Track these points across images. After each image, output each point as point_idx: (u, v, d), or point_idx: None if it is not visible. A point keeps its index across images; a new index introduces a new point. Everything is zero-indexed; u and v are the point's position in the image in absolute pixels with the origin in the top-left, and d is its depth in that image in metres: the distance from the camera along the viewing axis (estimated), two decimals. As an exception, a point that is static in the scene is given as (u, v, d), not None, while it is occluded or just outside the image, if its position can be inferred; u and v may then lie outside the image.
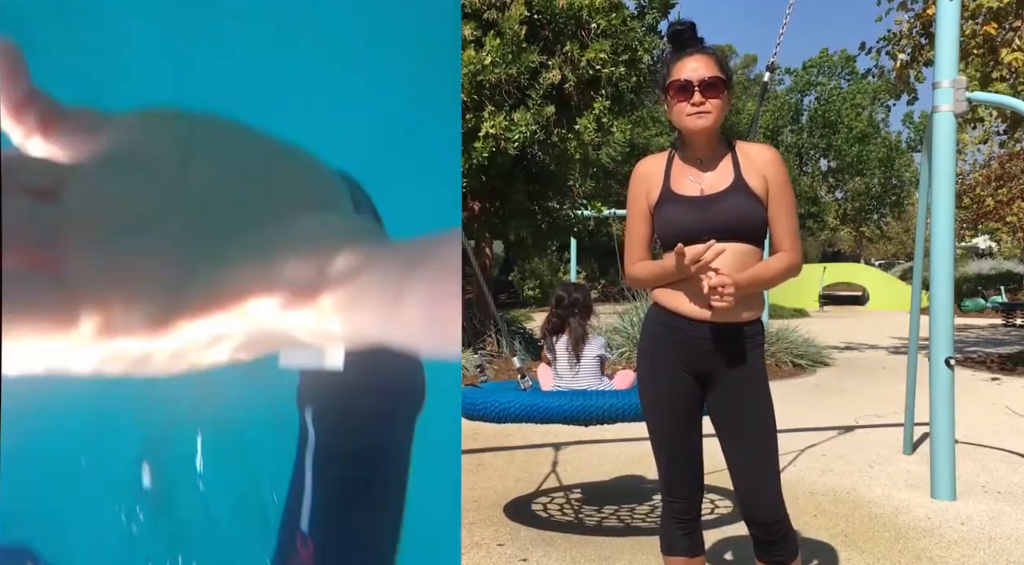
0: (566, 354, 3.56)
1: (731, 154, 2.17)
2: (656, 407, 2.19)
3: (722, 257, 2.04)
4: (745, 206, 2.09)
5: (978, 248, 28.55)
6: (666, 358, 2.15)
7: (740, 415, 2.13)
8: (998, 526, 3.58)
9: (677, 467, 2.19)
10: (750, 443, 2.13)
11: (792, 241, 2.14)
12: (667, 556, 2.26)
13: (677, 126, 2.17)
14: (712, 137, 2.16)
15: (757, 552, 2.20)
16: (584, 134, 8.12)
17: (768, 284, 2.14)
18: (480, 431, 5.46)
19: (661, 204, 2.16)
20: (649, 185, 2.20)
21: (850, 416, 6.20)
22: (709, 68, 2.10)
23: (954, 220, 4.11)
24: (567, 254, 21.37)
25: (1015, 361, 9.60)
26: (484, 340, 8.98)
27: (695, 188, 2.14)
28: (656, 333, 2.19)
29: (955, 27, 4.04)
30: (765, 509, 2.12)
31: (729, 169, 2.14)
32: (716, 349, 2.11)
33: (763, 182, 2.13)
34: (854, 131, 31.95)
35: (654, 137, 28.58)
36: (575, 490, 4.24)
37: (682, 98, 2.11)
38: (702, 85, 2.09)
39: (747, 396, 2.13)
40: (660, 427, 2.19)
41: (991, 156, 16.72)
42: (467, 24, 7.72)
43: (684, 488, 2.19)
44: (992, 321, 16.97)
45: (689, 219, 2.10)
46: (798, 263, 2.16)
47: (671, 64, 2.16)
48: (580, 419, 3.20)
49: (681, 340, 2.13)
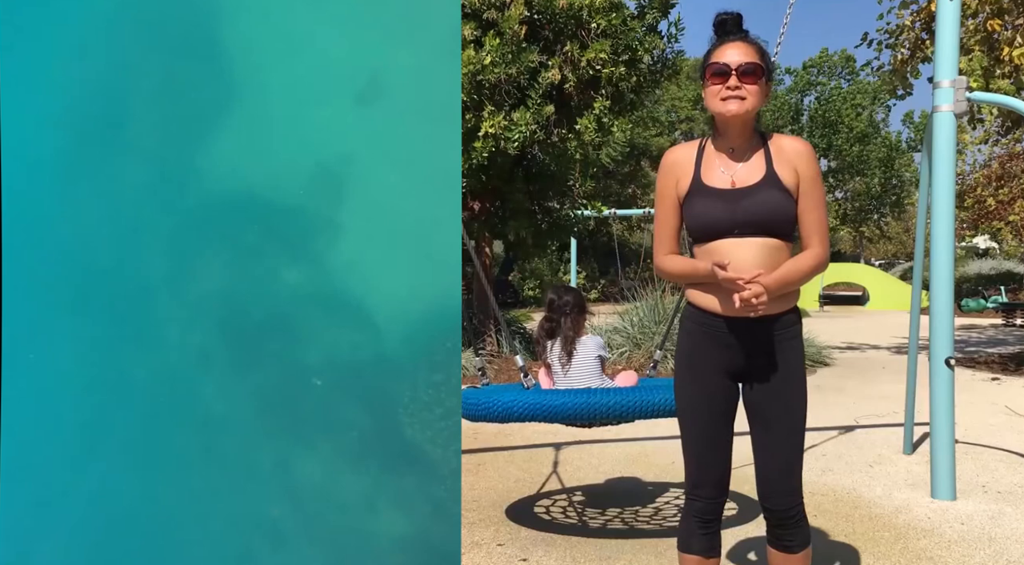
0: (561, 356, 3.56)
1: (764, 147, 2.15)
2: (691, 407, 2.20)
3: (751, 252, 2.05)
4: (776, 200, 2.08)
5: (978, 248, 28.54)
6: (705, 360, 2.16)
7: (774, 409, 2.15)
8: (998, 526, 3.58)
9: (704, 466, 2.19)
10: (778, 435, 2.15)
11: (821, 236, 2.13)
12: (683, 553, 2.25)
13: (711, 111, 2.15)
14: (746, 126, 2.13)
15: (769, 537, 2.22)
16: (584, 134, 8.11)
17: (797, 284, 2.12)
18: (480, 431, 5.45)
19: (691, 196, 2.14)
20: (679, 175, 2.18)
21: (850, 416, 6.20)
22: (748, 55, 2.09)
23: (954, 220, 4.11)
24: (567, 254, 21.38)
25: (1015, 361, 9.60)
26: (484, 340, 8.98)
27: (726, 180, 2.12)
28: (693, 332, 2.19)
29: (955, 26, 4.04)
30: (782, 497, 2.15)
31: (761, 161, 2.13)
32: (753, 345, 2.12)
33: (794, 175, 2.11)
34: (854, 131, 31.91)
35: (654, 137, 28.56)
36: (575, 490, 4.24)
37: (718, 82, 2.09)
38: (739, 70, 2.07)
39: (782, 391, 2.14)
40: (692, 426, 2.20)
41: (991, 156, 16.70)
42: (467, 24, 7.72)
43: (709, 488, 2.19)
44: (992, 321, 16.97)
45: (719, 213, 2.08)
46: (826, 260, 2.15)
47: (712, 50, 2.15)
48: (583, 417, 3.20)
49: (718, 339, 2.13)
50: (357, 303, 1.44)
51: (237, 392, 1.41)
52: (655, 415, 3.18)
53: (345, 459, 1.43)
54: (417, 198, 1.48)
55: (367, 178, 1.47)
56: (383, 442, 1.45)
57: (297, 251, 1.43)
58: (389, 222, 1.47)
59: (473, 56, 7.57)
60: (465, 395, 3.26)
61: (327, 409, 1.43)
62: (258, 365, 1.41)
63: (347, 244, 1.44)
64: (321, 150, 1.45)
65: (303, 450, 1.43)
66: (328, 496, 1.43)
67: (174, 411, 1.40)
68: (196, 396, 1.41)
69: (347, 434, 1.44)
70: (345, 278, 1.44)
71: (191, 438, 1.41)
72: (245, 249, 1.41)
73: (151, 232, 1.40)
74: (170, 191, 1.41)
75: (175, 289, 1.40)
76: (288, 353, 1.42)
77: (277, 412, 1.42)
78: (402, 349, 1.45)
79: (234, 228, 1.42)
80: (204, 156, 1.41)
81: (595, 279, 22.99)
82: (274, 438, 1.42)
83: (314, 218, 1.43)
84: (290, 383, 1.42)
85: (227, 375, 1.41)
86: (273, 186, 1.43)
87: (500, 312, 5.66)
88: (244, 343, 1.41)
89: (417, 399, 1.46)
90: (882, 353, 10.90)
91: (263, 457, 1.42)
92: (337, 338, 1.43)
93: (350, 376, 1.44)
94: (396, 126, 1.47)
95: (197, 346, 1.40)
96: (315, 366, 1.43)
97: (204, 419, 1.41)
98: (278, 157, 1.43)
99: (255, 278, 1.42)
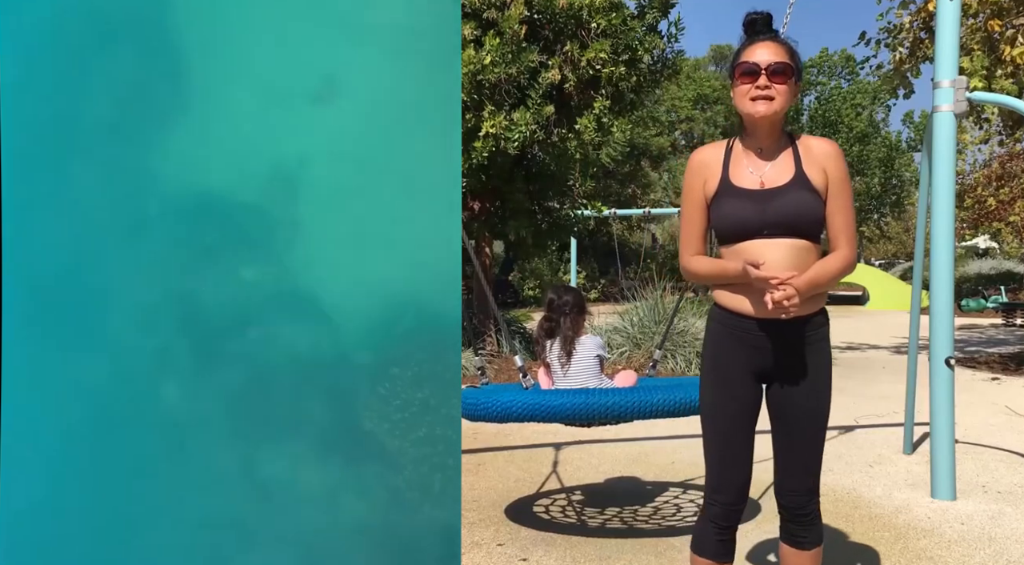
0: (560, 355, 3.57)
1: (792, 147, 2.14)
2: (715, 411, 2.18)
3: (780, 253, 2.04)
4: (807, 201, 2.07)
5: (978, 248, 28.53)
6: (732, 361, 2.15)
7: (800, 409, 2.16)
8: (998, 526, 3.58)
9: (725, 471, 2.18)
10: (802, 434, 2.16)
11: (849, 238, 2.13)
12: (695, 555, 2.24)
13: (740, 111, 2.14)
14: (775, 126, 2.13)
15: (782, 533, 2.23)
16: (584, 134, 8.11)
17: (826, 286, 2.12)
18: (480, 431, 5.46)
19: (719, 196, 2.13)
20: (707, 175, 2.16)
21: (850, 416, 6.20)
22: (778, 54, 2.08)
23: (954, 220, 4.11)
24: (567, 254, 21.38)
25: (1015, 361, 9.60)
26: (484, 340, 8.98)
27: (755, 180, 2.11)
28: (720, 333, 2.18)
29: (955, 27, 4.04)
30: (799, 495, 2.17)
31: (790, 162, 2.12)
32: (783, 346, 2.12)
33: (823, 176, 2.11)
34: (854, 131, 31.90)
35: (654, 137, 28.56)
36: (575, 490, 4.24)
37: (747, 81, 2.08)
38: (769, 69, 2.06)
39: (810, 392, 2.16)
40: (716, 431, 2.18)
41: (992, 156, 16.69)
42: (467, 24, 7.72)
43: (729, 493, 2.17)
44: (992, 321, 16.96)
45: (749, 213, 2.07)
46: (854, 262, 2.15)
47: (741, 49, 2.14)
48: (582, 417, 3.20)
49: (746, 341, 2.13)
50: (316, 302, 1.42)
51: (201, 393, 1.39)
52: (654, 415, 3.17)
53: (311, 454, 1.42)
54: (417, 198, 1.48)
55: (367, 179, 1.46)
56: (348, 437, 1.44)
57: (257, 251, 1.41)
58: (389, 222, 1.46)
59: (473, 56, 7.57)
60: (464, 395, 3.26)
61: (293, 407, 1.42)
62: (221, 366, 1.40)
63: (304, 243, 1.43)
64: (319, 151, 1.44)
65: (270, 449, 1.41)
66: (298, 492, 1.42)
67: (136, 414, 1.38)
68: (158, 398, 1.38)
69: (311, 431, 1.43)
70: (305, 277, 1.43)
71: (154, 440, 1.39)
72: (202, 249, 1.39)
73: (106, 233, 1.37)
74: (125, 192, 1.38)
75: (132, 291, 1.37)
76: (252, 353, 1.41)
77: (243, 412, 1.41)
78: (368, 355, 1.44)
79: (192, 229, 1.40)
80: (159, 156, 1.39)
81: (595, 279, 22.99)
82: (240, 438, 1.41)
83: (274, 218, 1.41)
84: (255, 383, 1.41)
85: (189, 376, 1.39)
86: (231, 187, 1.41)
87: (499, 312, 5.66)
88: (206, 344, 1.40)
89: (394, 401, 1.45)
90: (882, 353, 10.90)
91: (229, 457, 1.41)
92: (301, 337, 1.42)
93: (314, 375, 1.43)
94: (396, 126, 1.47)
95: (157, 348, 1.38)
96: (280, 366, 1.41)
97: (167, 421, 1.39)
98: (236, 157, 1.41)
99: (214, 278, 1.40)
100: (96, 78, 1.38)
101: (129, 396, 1.38)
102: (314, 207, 1.43)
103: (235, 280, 1.41)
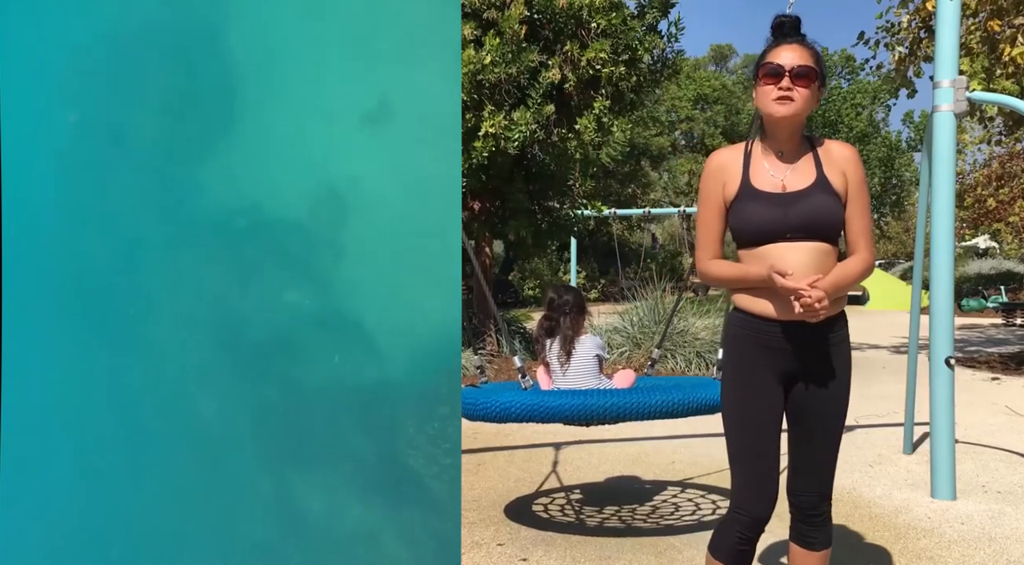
0: (560, 354, 3.57)
1: (812, 150, 2.14)
2: (745, 419, 2.15)
3: (802, 257, 2.04)
4: (828, 205, 2.07)
5: (978, 248, 28.52)
6: (756, 366, 2.12)
7: (820, 410, 2.16)
8: (998, 526, 3.58)
9: (751, 480, 2.14)
10: (821, 436, 2.16)
11: (867, 241, 2.14)
12: (711, 554, 2.20)
13: (762, 111, 2.14)
14: (796, 129, 2.12)
15: (792, 533, 2.23)
16: (584, 134, 8.11)
17: (847, 289, 2.12)
18: (480, 431, 5.46)
19: (740, 199, 2.12)
20: (726, 178, 2.15)
21: (850, 416, 6.19)
22: (803, 58, 2.08)
23: (954, 220, 4.11)
24: (567, 254, 21.39)
25: (1015, 361, 9.60)
26: (484, 340, 8.98)
27: (775, 184, 2.10)
28: (742, 338, 2.15)
29: (955, 26, 4.04)
30: (813, 496, 2.19)
31: (811, 165, 2.12)
32: (808, 348, 2.11)
33: (843, 180, 2.11)
34: (854, 131, 31.92)
35: (654, 137, 28.56)
36: (575, 490, 4.24)
37: (770, 82, 2.08)
38: (792, 72, 2.06)
39: (831, 393, 2.16)
40: (741, 440, 2.15)
41: (992, 156, 16.68)
42: (467, 24, 7.72)
43: (754, 503, 2.13)
44: (992, 321, 16.96)
45: (770, 217, 2.07)
46: (872, 265, 2.15)
47: (767, 50, 2.14)
48: (581, 418, 3.20)
49: (771, 345, 2.11)
50: (358, 324, 1.43)
51: (237, 410, 1.39)
52: (653, 416, 3.17)
53: (349, 487, 1.43)
54: (417, 198, 1.48)
55: (367, 179, 1.46)
56: (383, 467, 1.44)
57: (299, 270, 1.42)
58: (389, 222, 1.47)
59: (473, 56, 7.57)
60: (464, 394, 3.26)
61: (329, 431, 1.42)
62: (260, 384, 1.40)
63: (350, 264, 1.43)
64: (319, 151, 1.44)
65: (303, 471, 1.42)
66: (328, 521, 1.42)
67: (171, 426, 1.38)
68: (194, 412, 1.39)
69: (348, 459, 1.43)
70: (348, 299, 1.43)
71: (189, 454, 1.39)
72: (247, 266, 1.40)
73: (150, 244, 1.38)
74: (171, 204, 1.39)
75: (173, 302, 1.38)
76: (289, 373, 1.41)
77: (277, 432, 1.41)
78: (403, 375, 1.44)
79: (237, 245, 1.40)
80: (208, 171, 1.40)
81: (595, 279, 22.99)
82: (274, 459, 1.41)
83: (317, 237, 1.42)
84: (291, 404, 1.41)
85: (226, 393, 1.39)
86: (277, 203, 1.42)
87: (499, 312, 5.66)
88: (245, 361, 1.40)
89: (419, 429, 1.46)
90: (882, 353, 10.90)
91: (262, 477, 1.41)
92: (339, 359, 1.42)
93: (352, 398, 1.43)
94: (396, 126, 1.47)
95: (196, 361, 1.39)
96: (317, 387, 1.41)
97: (202, 436, 1.39)
98: (282, 175, 1.42)
99: (257, 295, 1.41)
100: (148, 88, 1.40)
101: (165, 407, 1.38)
102: (362, 230, 1.44)
103: (277, 299, 1.41)
